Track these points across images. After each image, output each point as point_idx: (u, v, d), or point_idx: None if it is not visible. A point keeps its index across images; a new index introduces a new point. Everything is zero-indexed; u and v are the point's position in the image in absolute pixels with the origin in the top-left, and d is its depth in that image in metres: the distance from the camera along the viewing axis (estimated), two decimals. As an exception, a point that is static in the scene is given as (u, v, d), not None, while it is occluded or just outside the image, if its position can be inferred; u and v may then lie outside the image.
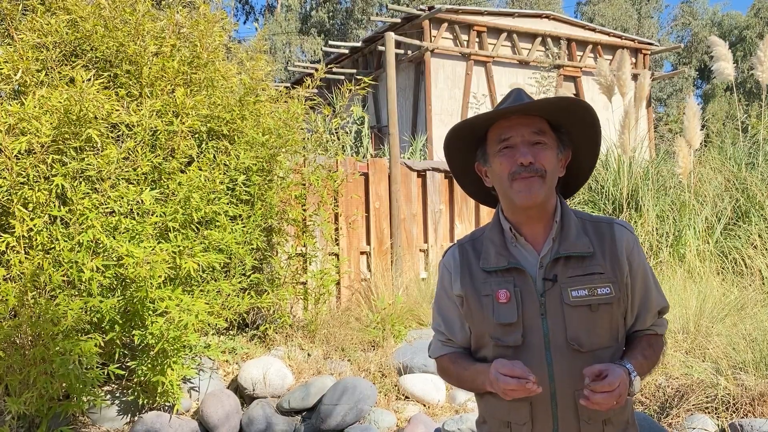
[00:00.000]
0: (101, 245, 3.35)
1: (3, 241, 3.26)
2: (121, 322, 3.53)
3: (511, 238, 1.51)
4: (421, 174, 6.17)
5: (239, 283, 4.16)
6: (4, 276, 3.26)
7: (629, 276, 1.49)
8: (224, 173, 3.97)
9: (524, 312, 1.45)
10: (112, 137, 3.63)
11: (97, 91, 3.44)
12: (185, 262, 3.48)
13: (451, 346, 1.61)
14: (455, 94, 12.06)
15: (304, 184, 4.80)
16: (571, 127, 1.53)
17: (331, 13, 32.88)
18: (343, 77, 12.27)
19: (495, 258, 1.50)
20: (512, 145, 1.46)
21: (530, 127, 1.46)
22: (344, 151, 8.13)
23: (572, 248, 1.47)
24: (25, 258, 3.28)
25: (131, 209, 3.53)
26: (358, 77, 5.43)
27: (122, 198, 3.46)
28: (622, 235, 1.51)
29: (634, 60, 13.76)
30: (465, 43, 12.12)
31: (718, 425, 3.26)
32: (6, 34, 3.93)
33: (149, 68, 3.90)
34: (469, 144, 1.56)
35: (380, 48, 11.91)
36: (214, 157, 4.06)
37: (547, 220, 1.50)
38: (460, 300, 1.55)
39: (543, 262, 1.48)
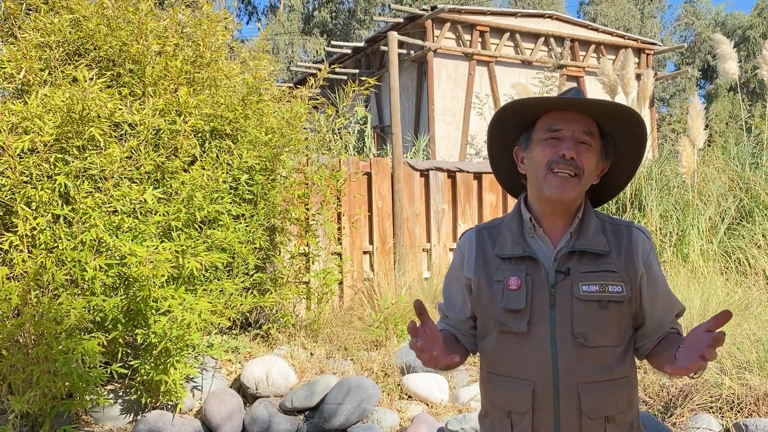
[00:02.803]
0: (104, 244, 3.35)
1: (6, 240, 3.26)
2: (124, 321, 3.53)
3: (529, 228, 1.53)
4: (424, 173, 6.16)
5: (242, 282, 4.16)
6: (7, 275, 3.26)
7: (646, 280, 1.50)
8: (227, 172, 3.97)
9: (533, 301, 1.46)
10: (115, 136, 3.63)
11: (100, 90, 3.44)
12: (188, 262, 3.48)
13: (447, 323, 1.66)
14: (458, 94, 12.05)
15: (307, 184, 4.79)
16: (619, 137, 1.54)
17: (333, 14, 32.89)
18: (345, 77, 12.28)
19: (511, 246, 1.52)
20: (560, 137, 1.47)
21: (582, 126, 1.47)
22: (347, 150, 8.12)
23: (588, 244, 1.48)
24: (28, 257, 3.28)
25: (134, 208, 3.53)
26: (362, 77, 5.42)
27: (125, 197, 3.46)
28: (639, 238, 1.52)
29: (637, 60, 13.74)
30: (468, 43, 12.10)
31: (723, 425, 3.25)
32: (10, 33, 3.93)
33: (152, 67, 3.90)
34: (514, 126, 1.56)
35: (383, 48, 11.91)
36: (217, 156, 4.06)
37: (568, 217, 1.52)
38: (468, 283, 1.57)
39: (558, 255, 1.49)
